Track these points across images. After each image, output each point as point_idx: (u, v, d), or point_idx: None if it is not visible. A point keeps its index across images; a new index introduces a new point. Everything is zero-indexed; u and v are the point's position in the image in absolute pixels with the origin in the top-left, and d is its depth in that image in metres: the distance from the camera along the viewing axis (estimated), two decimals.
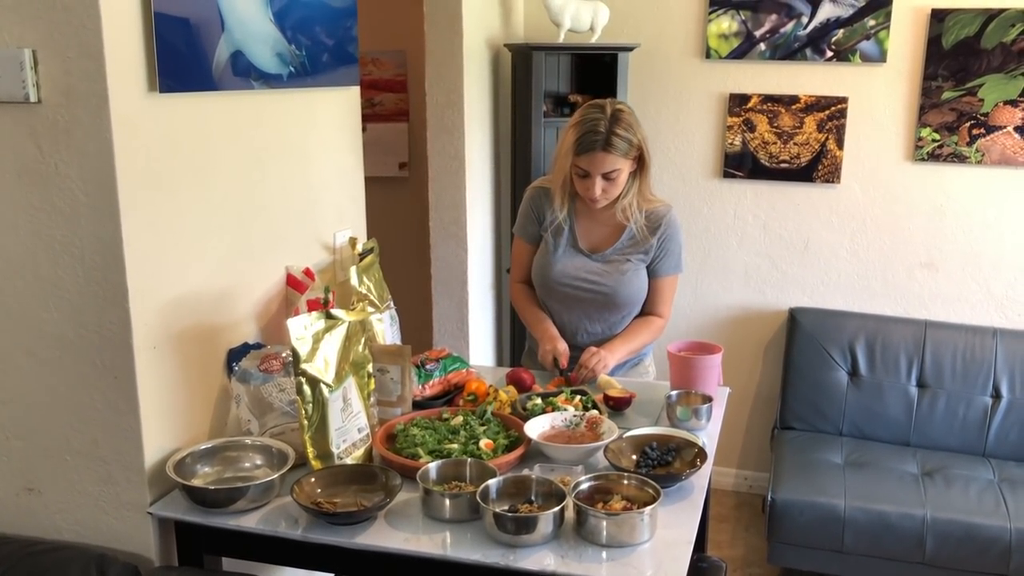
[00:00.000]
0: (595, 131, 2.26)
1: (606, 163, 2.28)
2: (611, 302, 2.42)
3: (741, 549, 3.48)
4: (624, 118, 2.30)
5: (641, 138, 2.32)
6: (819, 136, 3.56)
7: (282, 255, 2.15)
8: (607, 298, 2.41)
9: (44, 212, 1.66)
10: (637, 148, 2.32)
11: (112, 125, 1.59)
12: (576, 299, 2.44)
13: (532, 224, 2.51)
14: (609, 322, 2.46)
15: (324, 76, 2.22)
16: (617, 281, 2.40)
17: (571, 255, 2.44)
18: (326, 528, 1.64)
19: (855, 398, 3.48)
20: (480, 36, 3.43)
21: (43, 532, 1.82)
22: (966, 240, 3.51)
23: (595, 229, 2.45)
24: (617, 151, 2.27)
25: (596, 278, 2.41)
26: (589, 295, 2.42)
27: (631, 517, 1.57)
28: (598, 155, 2.27)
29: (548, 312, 2.50)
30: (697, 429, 2.04)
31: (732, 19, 3.55)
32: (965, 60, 3.33)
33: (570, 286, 2.43)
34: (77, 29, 1.55)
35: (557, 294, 2.45)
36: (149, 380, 1.73)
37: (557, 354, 2.37)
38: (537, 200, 2.49)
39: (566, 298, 2.45)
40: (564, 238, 2.44)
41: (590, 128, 2.27)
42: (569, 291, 2.43)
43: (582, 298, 2.43)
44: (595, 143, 2.26)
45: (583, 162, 2.29)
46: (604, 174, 2.30)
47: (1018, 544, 2.85)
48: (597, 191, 2.31)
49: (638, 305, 2.47)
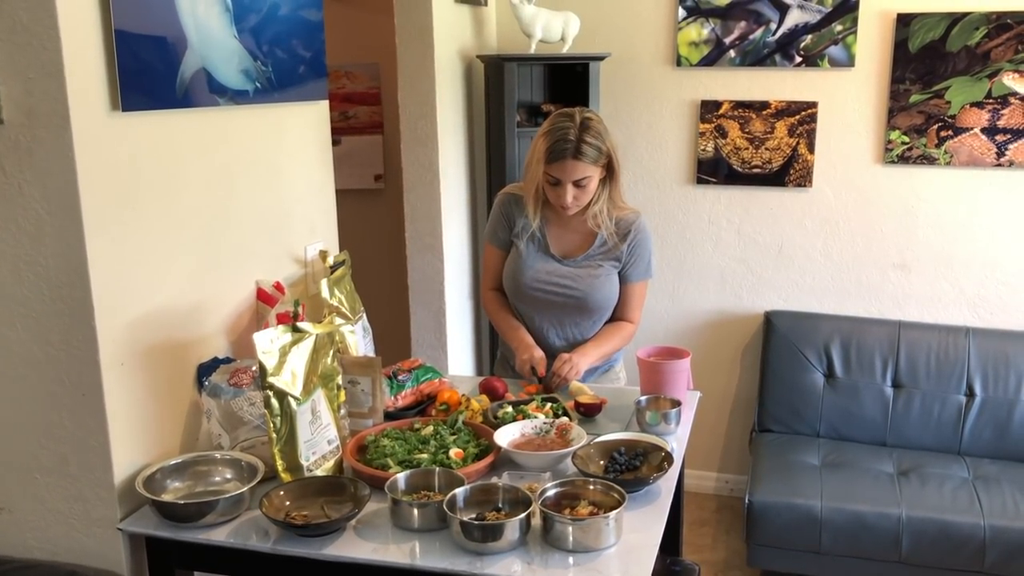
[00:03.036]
0: (565, 139, 2.29)
1: (577, 171, 2.31)
2: (583, 306, 2.44)
3: (722, 552, 3.49)
4: (593, 126, 2.32)
5: (611, 146, 2.35)
6: (790, 141, 3.59)
7: (252, 269, 2.16)
8: (579, 302, 2.43)
9: (8, 232, 1.66)
10: (607, 155, 2.35)
11: (75, 144, 1.60)
12: (548, 304, 2.45)
13: (503, 230, 2.53)
14: (581, 327, 2.48)
15: (292, 91, 2.24)
16: (589, 286, 2.42)
17: (543, 260, 2.46)
18: (296, 540, 1.65)
19: (831, 399, 3.50)
20: (452, 48, 3.45)
21: (13, 551, 1.82)
22: (937, 241, 3.55)
23: (566, 236, 2.48)
24: (587, 158, 2.30)
25: (568, 282, 2.43)
26: (560, 299, 2.44)
27: (596, 522, 1.59)
28: (568, 163, 2.30)
29: (520, 318, 2.52)
30: (667, 434, 2.06)
31: (702, 27, 3.59)
32: (931, 63, 3.38)
33: (541, 290, 2.44)
34: (37, 50, 1.56)
35: (529, 299, 2.47)
36: (118, 397, 1.74)
37: (534, 362, 2.38)
38: (508, 206, 2.52)
39: (538, 303, 2.46)
40: (536, 244, 2.47)
41: (560, 136, 2.30)
42: (540, 295, 2.45)
43: (553, 302, 2.45)
44: (565, 151, 2.29)
45: (554, 170, 2.32)
46: (575, 181, 2.32)
47: (992, 541, 2.88)
48: (568, 198, 2.34)
49: (609, 310, 2.49)
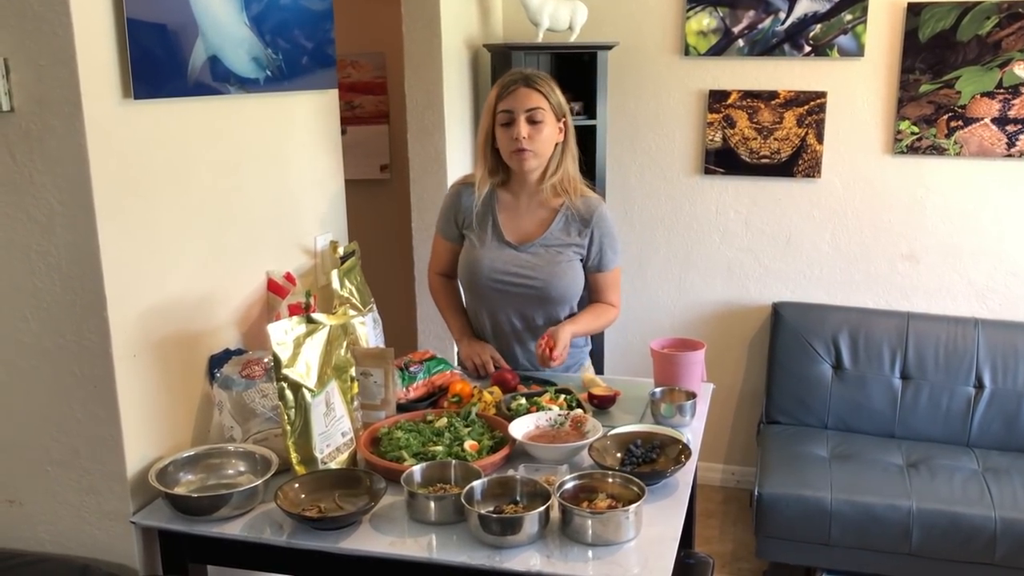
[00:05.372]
0: (515, 73, 2.32)
1: (530, 99, 2.25)
2: (545, 296, 2.32)
3: (729, 544, 3.48)
4: (544, 74, 2.33)
5: (564, 102, 2.32)
6: (799, 131, 3.57)
7: (262, 260, 2.14)
8: (540, 292, 2.31)
9: (19, 221, 1.64)
10: (559, 108, 2.30)
11: (86, 133, 1.58)
12: (507, 295, 2.34)
13: (451, 224, 2.44)
14: (547, 318, 2.36)
15: (301, 79, 2.22)
16: (550, 274, 2.30)
17: (498, 248, 2.35)
18: (311, 533, 1.63)
19: (839, 391, 3.49)
20: (459, 37, 3.42)
21: (25, 544, 1.81)
22: (946, 232, 3.53)
23: (521, 220, 2.37)
24: (539, 88, 2.26)
25: (528, 271, 2.31)
26: (520, 290, 2.32)
27: (616, 515, 1.57)
28: (520, 91, 2.26)
29: (480, 315, 2.43)
30: (681, 425, 2.04)
31: (710, 16, 3.56)
32: (941, 53, 3.35)
33: (500, 281, 2.33)
34: (49, 37, 1.54)
35: (488, 292, 2.36)
36: (129, 389, 1.72)
37: (484, 361, 2.35)
38: (457, 197, 2.42)
39: (497, 295, 2.35)
40: (488, 232, 2.37)
41: (509, 74, 2.32)
42: (499, 287, 2.33)
43: (513, 294, 2.33)
44: (516, 80, 2.28)
45: (506, 103, 2.26)
46: (528, 113, 2.24)
47: (1003, 533, 2.87)
48: (523, 131, 2.23)
49: (574, 300, 2.37)
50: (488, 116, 2.31)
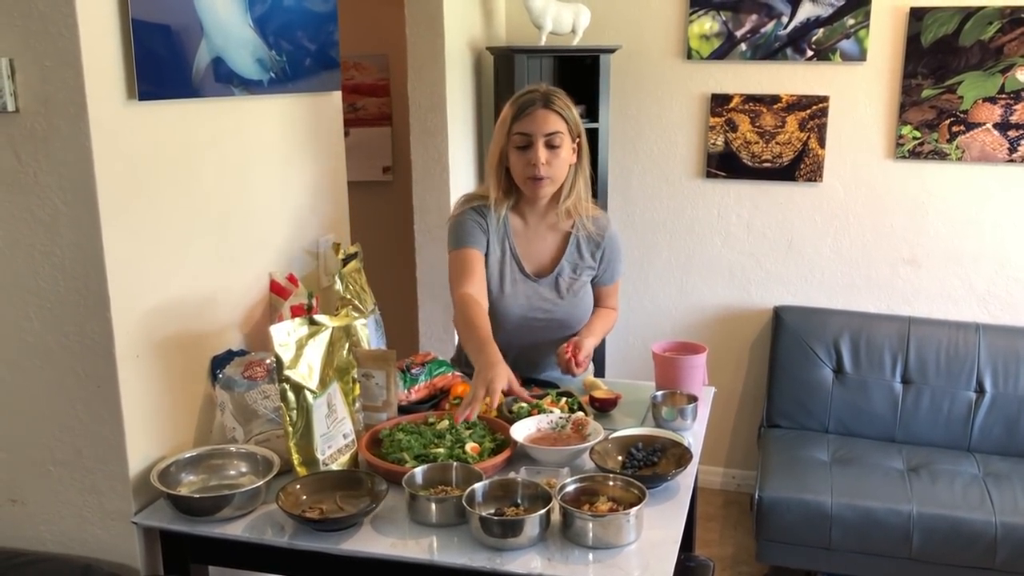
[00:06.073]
0: (533, 91, 2.19)
1: (548, 122, 2.15)
2: (565, 325, 2.31)
3: (730, 548, 3.48)
4: (561, 91, 2.22)
5: (579, 122, 2.23)
6: (801, 135, 3.57)
7: (265, 261, 2.15)
8: (561, 322, 2.31)
9: (23, 221, 1.65)
10: (576, 127, 2.21)
11: (91, 133, 1.58)
12: (529, 328, 2.30)
13: (478, 233, 2.25)
14: (562, 339, 2.28)
15: (305, 81, 2.22)
16: (571, 305, 2.31)
17: (520, 284, 2.29)
18: (312, 535, 1.63)
19: (840, 395, 3.49)
20: (462, 39, 3.43)
21: (27, 544, 1.81)
22: (948, 236, 3.53)
23: (535, 247, 2.31)
24: (558, 110, 2.16)
25: (549, 306, 2.29)
26: (542, 324, 2.30)
27: (617, 518, 1.58)
28: (539, 112, 2.15)
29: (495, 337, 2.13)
30: (683, 429, 2.04)
31: (713, 20, 3.56)
32: (944, 58, 3.36)
33: (523, 317, 2.29)
34: (54, 37, 1.55)
35: (509, 327, 2.28)
36: (132, 389, 1.72)
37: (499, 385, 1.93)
38: (479, 212, 2.27)
39: (519, 330, 2.30)
40: (508, 266, 2.29)
41: (527, 91, 2.20)
42: (523, 323, 2.29)
43: (535, 327, 2.30)
44: (535, 101, 2.16)
45: (523, 125, 2.15)
46: (547, 138, 2.14)
47: (1004, 538, 2.87)
48: (541, 157, 2.14)
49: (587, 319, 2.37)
50: (502, 135, 2.20)
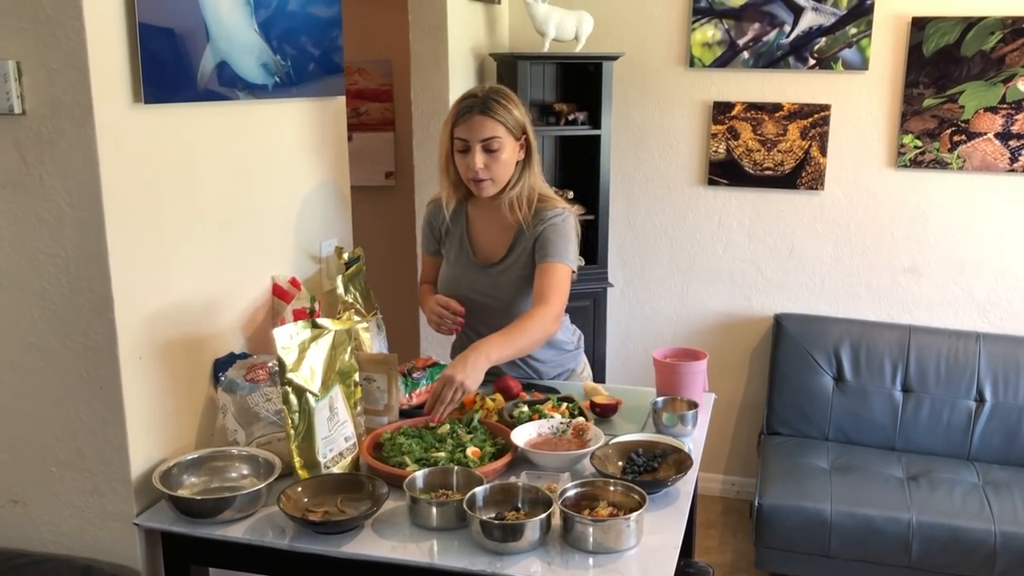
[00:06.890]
0: (471, 96, 2.19)
1: (484, 128, 2.15)
2: (508, 311, 2.29)
3: (729, 555, 3.48)
4: (503, 92, 2.22)
5: (524, 118, 2.22)
6: (802, 143, 3.58)
7: (268, 265, 2.16)
8: (505, 308, 2.30)
9: (29, 223, 1.66)
10: (520, 127, 2.21)
11: (97, 136, 1.59)
12: (474, 312, 2.33)
13: (430, 240, 2.44)
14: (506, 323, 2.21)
15: (309, 86, 2.23)
16: (514, 293, 2.30)
17: (465, 268, 2.35)
18: (313, 537, 1.64)
19: (840, 403, 3.50)
20: (465, 45, 3.44)
21: (28, 544, 1.81)
22: (948, 245, 3.54)
23: (486, 236, 2.34)
24: (495, 115, 2.15)
25: (492, 292, 2.32)
26: (484, 308, 2.33)
27: (617, 523, 1.58)
28: (475, 119, 2.15)
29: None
30: (683, 435, 2.05)
31: (715, 28, 3.58)
32: (945, 67, 3.37)
33: (468, 299, 2.33)
34: (61, 40, 1.56)
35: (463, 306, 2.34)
36: (135, 391, 1.73)
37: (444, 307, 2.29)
38: (430, 215, 2.43)
39: (469, 313, 2.33)
40: (458, 251, 2.36)
41: (467, 96, 2.21)
42: (468, 304, 2.33)
43: (480, 311, 2.33)
44: (472, 107, 2.16)
45: (461, 130, 2.17)
46: (484, 143, 2.16)
47: (1003, 547, 2.87)
48: (478, 162, 2.16)
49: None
50: (446, 137, 2.24)
